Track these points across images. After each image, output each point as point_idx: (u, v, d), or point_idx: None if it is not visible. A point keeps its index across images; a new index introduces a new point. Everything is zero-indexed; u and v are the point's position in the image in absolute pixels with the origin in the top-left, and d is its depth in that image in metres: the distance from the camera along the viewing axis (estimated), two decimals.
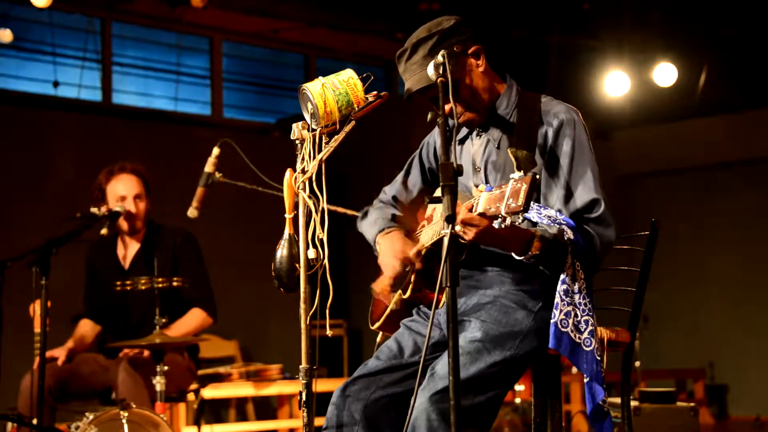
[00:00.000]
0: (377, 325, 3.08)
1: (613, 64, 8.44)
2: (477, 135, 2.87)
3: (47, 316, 4.09)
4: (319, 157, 2.73)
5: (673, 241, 8.79)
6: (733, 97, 9.18)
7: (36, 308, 4.40)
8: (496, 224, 2.34)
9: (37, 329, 4.32)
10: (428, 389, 2.58)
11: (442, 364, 2.62)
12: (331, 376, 7.28)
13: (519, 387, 6.93)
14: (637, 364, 6.68)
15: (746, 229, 9.46)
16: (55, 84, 7.82)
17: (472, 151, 2.86)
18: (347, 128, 2.78)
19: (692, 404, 4.04)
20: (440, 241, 2.71)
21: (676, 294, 9.56)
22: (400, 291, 2.94)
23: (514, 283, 2.76)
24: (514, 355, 2.67)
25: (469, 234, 2.48)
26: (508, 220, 2.30)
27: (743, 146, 9.39)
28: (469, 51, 2.78)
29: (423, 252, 2.85)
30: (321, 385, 2.80)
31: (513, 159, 2.48)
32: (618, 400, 3.26)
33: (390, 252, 2.86)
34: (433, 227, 2.87)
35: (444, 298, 2.68)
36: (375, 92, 2.82)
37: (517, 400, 6.98)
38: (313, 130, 2.77)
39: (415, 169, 3.12)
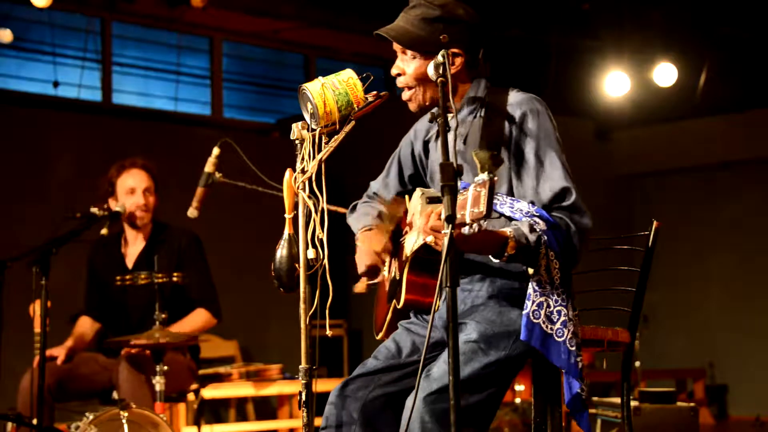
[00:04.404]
0: (381, 334, 3.08)
1: (613, 64, 8.43)
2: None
3: (47, 316, 4.09)
4: (318, 157, 2.73)
5: (673, 241, 8.79)
6: (733, 97, 9.16)
7: (36, 308, 4.40)
8: (466, 230, 2.30)
9: (37, 329, 4.32)
10: (422, 391, 2.57)
11: (437, 366, 2.62)
12: (331, 376, 7.27)
13: (519, 387, 6.93)
14: (637, 364, 6.68)
15: (746, 229, 9.44)
16: (55, 84, 7.82)
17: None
18: (347, 128, 2.78)
19: (692, 404, 4.04)
20: (421, 248, 2.70)
21: (676, 294, 9.55)
22: (394, 301, 2.93)
23: (506, 283, 2.74)
24: (508, 355, 2.66)
25: (441, 242, 2.43)
26: (475, 226, 2.27)
27: (743, 146, 9.37)
28: (450, 50, 2.72)
29: (408, 261, 2.83)
30: (321, 385, 2.80)
31: (477, 161, 2.46)
32: (618, 400, 3.26)
33: (363, 249, 2.91)
34: (413, 235, 2.85)
35: (440, 302, 2.68)
36: (375, 92, 2.82)
37: (517, 400, 6.97)
38: (313, 130, 2.77)
39: (393, 169, 3.12)
